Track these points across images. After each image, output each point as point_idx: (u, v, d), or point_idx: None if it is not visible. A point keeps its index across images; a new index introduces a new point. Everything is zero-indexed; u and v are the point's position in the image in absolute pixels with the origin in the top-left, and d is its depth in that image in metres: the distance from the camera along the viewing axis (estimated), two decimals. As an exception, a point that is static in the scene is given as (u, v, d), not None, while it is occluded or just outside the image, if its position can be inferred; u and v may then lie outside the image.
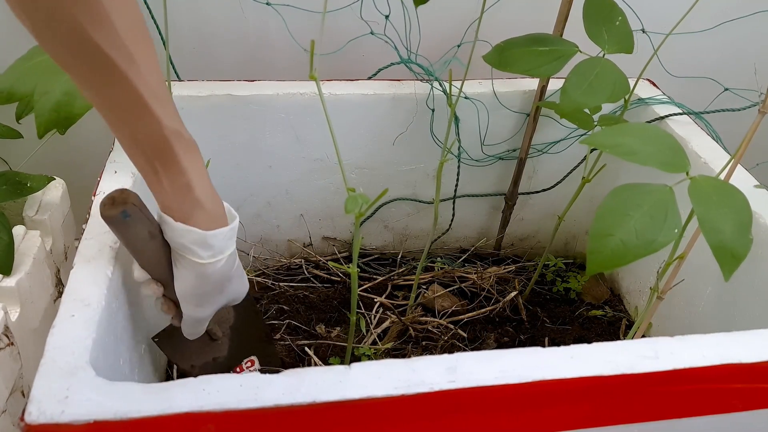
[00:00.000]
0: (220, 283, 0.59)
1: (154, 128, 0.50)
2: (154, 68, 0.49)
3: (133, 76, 0.47)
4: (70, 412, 0.48)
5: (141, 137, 0.51)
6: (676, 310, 0.92)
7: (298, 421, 0.52)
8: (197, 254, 0.55)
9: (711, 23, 1.06)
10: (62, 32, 0.44)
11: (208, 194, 0.55)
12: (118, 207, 0.54)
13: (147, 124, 0.50)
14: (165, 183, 0.53)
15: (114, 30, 0.45)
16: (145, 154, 0.52)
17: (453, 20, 1.00)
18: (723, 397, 0.61)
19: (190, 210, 0.54)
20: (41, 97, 0.66)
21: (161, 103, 0.49)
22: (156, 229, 0.57)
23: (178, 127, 0.51)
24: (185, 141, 0.52)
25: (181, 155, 0.52)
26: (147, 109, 0.49)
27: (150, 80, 0.48)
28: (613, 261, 0.59)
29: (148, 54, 0.48)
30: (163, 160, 0.52)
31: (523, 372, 0.54)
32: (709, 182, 0.61)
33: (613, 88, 0.80)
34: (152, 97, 0.48)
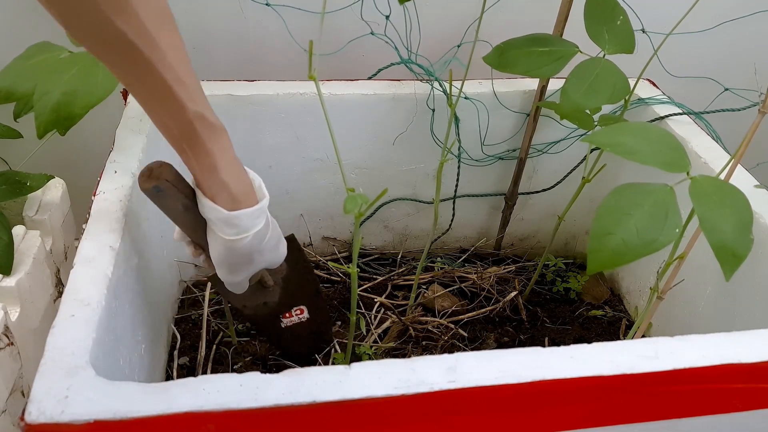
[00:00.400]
0: (249, 256, 0.62)
1: (179, 112, 0.52)
2: (180, 54, 0.51)
3: (157, 62, 0.49)
4: (70, 411, 0.48)
5: (167, 120, 0.53)
6: (677, 310, 0.92)
7: (299, 421, 0.52)
8: (223, 230, 0.59)
9: (711, 23, 1.06)
10: (87, 21, 0.46)
11: (234, 176, 0.57)
12: (152, 181, 0.58)
13: (172, 108, 0.52)
14: (193, 163, 0.56)
15: (137, 17, 0.47)
16: (174, 135, 0.55)
17: (453, 20, 1.00)
18: (723, 397, 0.61)
19: (217, 190, 0.57)
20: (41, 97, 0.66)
21: (186, 88, 0.51)
22: (191, 201, 0.60)
23: (203, 110, 0.53)
24: (210, 125, 0.54)
25: (206, 138, 0.54)
26: (171, 94, 0.51)
27: (175, 65, 0.50)
28: (613, 260, 0.59)
29: (172, 40, 0.50)
30: (190, 143, 0.54)
31: (523, 372, 0.54)
32: (710, 182, 0.61)
33: (614, 89, 0.80)
34: (176, 82, 0.51)
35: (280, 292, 0.79)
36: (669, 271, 0.70)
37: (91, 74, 0.67)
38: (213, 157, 0.56)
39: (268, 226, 0.63)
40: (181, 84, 0.51)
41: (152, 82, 0.50)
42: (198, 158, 0.56)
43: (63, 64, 0.68)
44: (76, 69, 0.67)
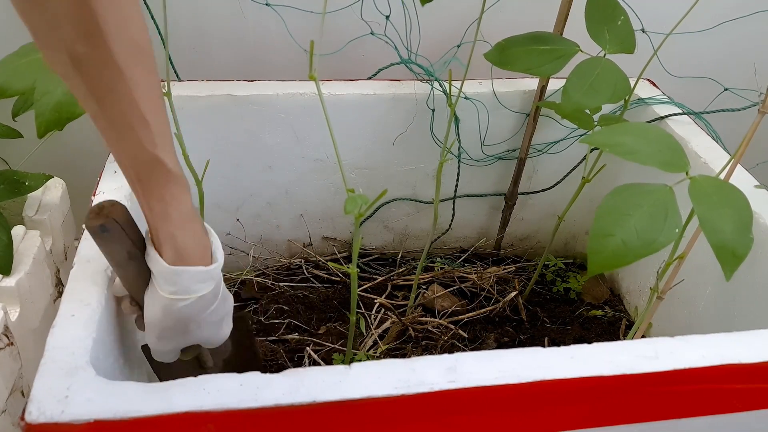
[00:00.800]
0: (184, 324, 0.56)
1: (136, 152, 0.49)
2: (149, 93, 0.48)
3: (121, 96, 0.46)
4: (70, 411, 0.48)
5: (123, 157, 0.50)
6: (676, 310, 0.92)
7: (299, 421, 0.51)
8: (161, 286, 0.54)
9: (711, 23, 1.06)
10: (55, 37, 0.44)
11: (184, 230, 0.53)
12: (100, 219, 0.53)
13: (129, 146, 0.49)
14: (144, 205, 0.52)
15: (106, 46, 0.44)
16: (128, 173, 0.51)
17: (453, 20, 1.00)
18: (723, 398, 0.61)
19: (163, 239, 0.52)
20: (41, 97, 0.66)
21: (148, 128, 0.48)
22: (138, 250, 0.55)
23: (163, 156, 0.50)
24: (167, 171, 0.51)
25: (160, 185, 0.51)
26: (131, 131, 0.48)
27: (141, 103, 0.47)
28: (614, 261, 0.58)
29: (144, 77, 0.47)
30: (143, 185, 0.51)
31: (523, 372, 0.54)
32: (710, 182, 0.61)
33: (614, 88, 0.80)
34: (139, 121, 0.48)
35: (222, 365, 0.68)
36: (669, 271, 0.70)
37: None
38: (165, 205, 0.52)
39: (217, 297, 0.56)
40: (143, 123, 0.48)
41: (113, 115, 0.47)
42: (149, 202, 0.52)
43: (63, 64, 0.67)
44: (76, 69, 0.67)
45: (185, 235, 0.53)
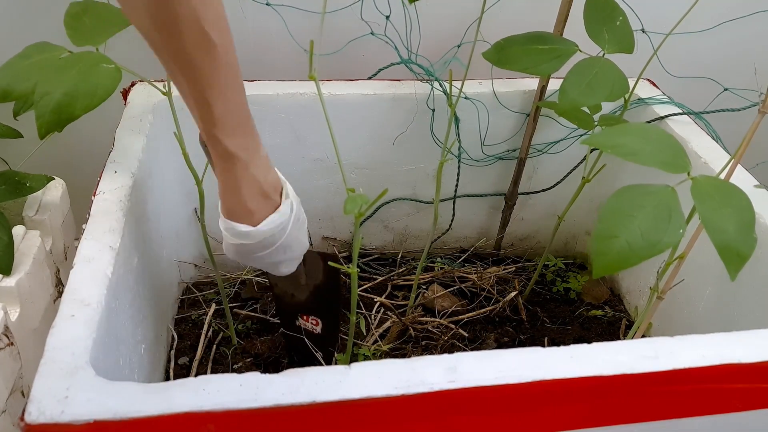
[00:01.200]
0: (240, 255, 0.65)
1: (199, 125, 0.58)
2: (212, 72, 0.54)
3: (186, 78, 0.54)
4: (70, 411, 0.48)
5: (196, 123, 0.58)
6: (676, 310, 0.92)
7: (299, 421, 0.51)
8: (221, 226, 0.64)
9: (711, 23, 1.06)
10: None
11: (230, 193, 0.61)
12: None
13: (195, 118, 0.57)
14: (210, 162, 0.61)
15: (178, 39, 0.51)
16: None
17: (453, 20, 1.00)
18: (723, 397, 0.61)
19: (221, 193, 0.62)
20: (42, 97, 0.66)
21: (207, 108, 0.55)
22: None
23: (221, 136, 0.57)
24: (222, 149, 0.58)
25: (218, 155, 0.59)
26: (192, 110, 0.56)
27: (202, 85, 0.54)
28: (619, 263, 0.58)
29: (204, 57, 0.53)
30: (206, 151, 0.61)
31: (523, 372, 0.54)
32: (711, 182, 0.61)
33: (612, 87, 0.80)
34: (198, 103, 0.55)
35: (307, 294, 0.81)
36: (669, 271, 0.70)
37: (92, 74, 0.67)
38: (217, 170, 0.61)
39: (266, 248, 0.64)
40: (203, 106, 0.55)
41: (183, 94, 0.56)
42: (210, 162, 0.61)
43: (63, 64, 0.67)
44: (76, 69, 0.66)
45: (228, 197, 0.61)
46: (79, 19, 0.71)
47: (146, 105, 0.86)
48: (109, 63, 0.68)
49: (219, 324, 0.97)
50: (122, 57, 0.70)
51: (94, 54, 0.69)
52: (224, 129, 0.56)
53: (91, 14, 0.71)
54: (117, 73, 0.68)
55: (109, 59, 0.68)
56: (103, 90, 0.67)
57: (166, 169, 0.90)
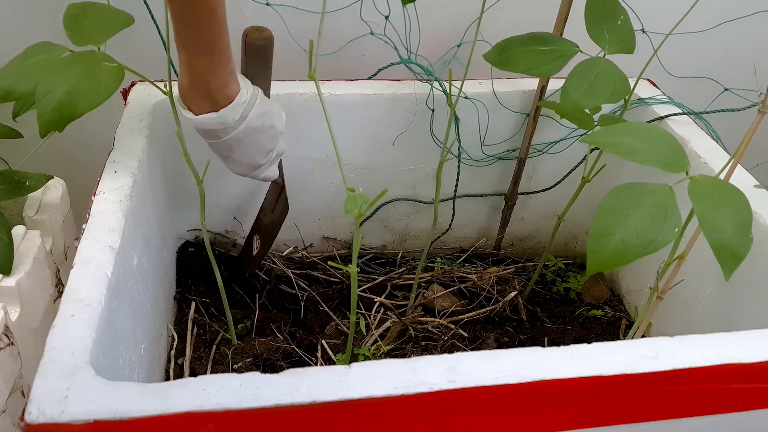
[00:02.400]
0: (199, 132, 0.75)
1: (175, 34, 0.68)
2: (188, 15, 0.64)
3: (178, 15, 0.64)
4: (70, 411, 0.48)
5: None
6: (676, 310, 0.92)
7: (298, 421, 0.51)
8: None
9: (711, 23, 1.06)
10: None
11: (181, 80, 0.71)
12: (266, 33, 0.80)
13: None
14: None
15: None
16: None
17: (453, 20, 1.00)
18: (723, 397, 0.61)
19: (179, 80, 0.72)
20: (43, 96, 0.66)
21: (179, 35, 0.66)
22: None
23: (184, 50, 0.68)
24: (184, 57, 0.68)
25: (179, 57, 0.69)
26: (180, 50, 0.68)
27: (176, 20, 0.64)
28: (613, 260, 0.58)
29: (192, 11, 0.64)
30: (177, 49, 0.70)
31: (523, 372, 0.54)
32: (710, 182, 0.61)
33: (614, 88, 0.80)
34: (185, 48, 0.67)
35: (268, 221, 0.96)
36: (669, 271, 0.70)
37: (94, 73, 0.67)
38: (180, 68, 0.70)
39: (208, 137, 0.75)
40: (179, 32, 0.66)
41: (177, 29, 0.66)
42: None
43: (65, 63, 0.67)
44: (79, 68, 0.66)
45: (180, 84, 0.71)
46: (78, 21, 0.70)
47: (146, 105, 0.86)
48: (111, 62, 0.68)
49: (219, 324, 0.97)
50: (122, 57, 0.70)
51: (96, 53, 0.68)
52: (189, 47, 0.67)
53: (90, 15, 0.71)
54: (120, 71, 0.67)
55: (112, 58, 0.68)
56: (106, 88, 0.66)
57: (166, 169, 0.90)
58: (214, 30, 0.66)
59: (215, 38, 0.67)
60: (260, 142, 0.77)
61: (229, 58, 0.70)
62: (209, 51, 0.68)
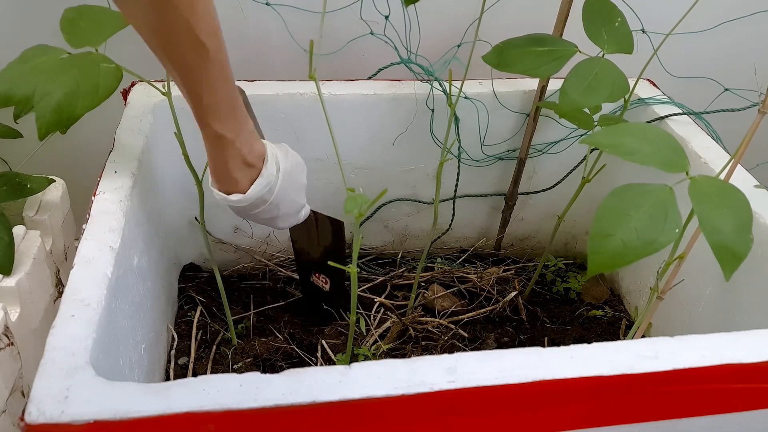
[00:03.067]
0: (240, 214, 0.72)
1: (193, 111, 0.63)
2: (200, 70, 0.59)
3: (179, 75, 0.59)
4: (70, 412, 0.48)
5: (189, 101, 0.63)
6: (677, 310, 0.92)
7: (298, 421, 0.51)
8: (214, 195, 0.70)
9: (711, 23, 1.06)
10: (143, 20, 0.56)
11: (216, 166, 0.67)
12: None
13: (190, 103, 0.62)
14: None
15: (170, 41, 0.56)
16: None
17: (453, 20, 1.00)
18: (723, 398, 0.61)
19: (210, 167, 0.69)
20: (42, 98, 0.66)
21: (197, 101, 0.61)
22: None
23: (211, 122, 0.63)
24: (210, 132, 0.64)
25: (204, 136, 0.65)
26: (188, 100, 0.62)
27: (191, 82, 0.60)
28: (614, 261, 0.58)
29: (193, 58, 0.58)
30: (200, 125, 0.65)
31: (523, 372, 0.54)
32: (710, 182, 0.61)
33: (612, 88, 0.80)
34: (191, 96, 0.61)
35: (319, 254, 0.91)
36: (669, 271, 0.70)
37: (94, 74, 0.67)
38: (207, 147, 0.66)
39: (256, 208, 0.70)
40: (195, 99, 0.61)
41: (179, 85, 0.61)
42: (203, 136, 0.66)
43: (63, 65, 0.67)
44: (77, 69, 0.66)
45: (215, 169, 0.68)
46: (75, 24, 0.71)
47: (146, 105, 0.86)
48: (109, 63, 0.68)
49: (219, 324, 0.97)
50: (121, 57, 0.70)
51: (94, 54, 0.69)
52: (213, 115, 0.62)
53: (87, 18, 0.71)
54: (118, 72, 0.68)
55: (110, 59, 0.68)
56: (105, 89, 0.67)
57: (165, 169, 0.90)
58: (228, 86, 0.63)
59: (231, 95, 0.63)
60: (296, 182, 0.75)
61: (246, 113, 0.67)
62: (230, 111, 0.64)
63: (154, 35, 0.56)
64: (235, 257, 1.08)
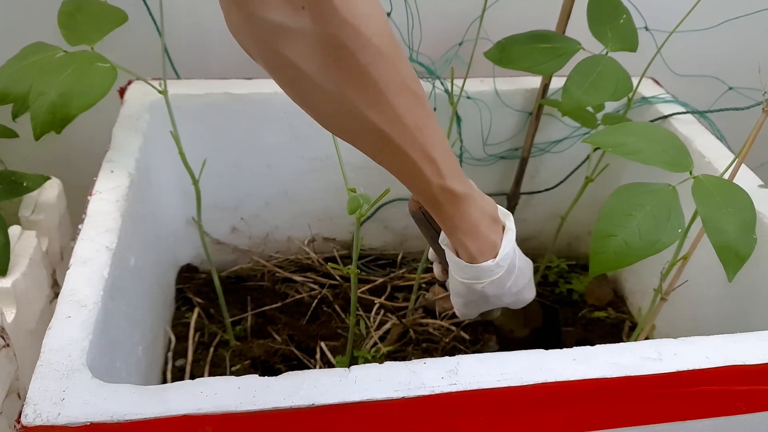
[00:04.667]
0: (484, 299, 0.63)
1: (425, 187, 0.54)
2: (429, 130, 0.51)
3: (407, 145, 0.50)
4: (67, 414, 0.48)
5: (416, 191, 0.56)
6: (680, 311, 0.91)
7: (298, 424, 0.51)
8: (458, 274, 0.62)
9: (715, 21, 1.05)
10: (343, 113, 0.47)
11: (473, 237, 0.59)
12: (415, 205, 0.66)
13: (419, 184, 0.54)
14: (439, 221, 0.59)
15: (389, 106, 0.47)
16: (423, 200, 0.57)
17: (455, 18, 1.00)
18: (727, 400, 0.60)
19: (456, 245, 0.60)
20: (36, 98, 0.66)
21: (433, 164, 0.52)
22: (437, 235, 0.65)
23: (450, 183, 0.54)
24: (453, 196, 0.55)
25: (448, 207, 0.56)
26: (418, 172, 0.52)
27: (425, 144, 0.51)
28: (616, 262, 0.58)
29: (422, 117, 0.50)
30: (433, 208, 0.57)
31: (525, 374, 0.54)
32: (713, 182, 0.61)
33: (616, 86, 0.80)
34: (425, 161, 0.51)
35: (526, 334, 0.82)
36: (673, 272, 0.70)
37: (87, 74, 0.66)
38: (454, 221, 0.57)
39: (511, 274, 0.62)
40: (429, 161, 0.52)
41: (401, 162, 0.52)
42: (441, 219, 0.58)
43: (58, 64, 0.67)
44: (71, 69, 0.66)
45: (475, 241, 0.59)
46: (72, 18, 0.70)
47: (143, 104, 0.86)
48: (104, 62, 0.67)
49: (217, 326, 0.96)
50: (119, 55, 0.69)
51: (88, 53, 0.68)
52: (451, 175, 0.54)
53: (84, 12, 0.71)
54: (112, 72, 0.67)
55: (104, 58, 0.68)
56: (98, 89, 0.66)
57: (162, 168, 0.89)
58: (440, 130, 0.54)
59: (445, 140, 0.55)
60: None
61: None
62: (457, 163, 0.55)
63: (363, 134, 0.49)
64: (233, 258, 1.07)
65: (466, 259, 0.60)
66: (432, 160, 0.52)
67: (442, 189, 0.54)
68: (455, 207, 0.56)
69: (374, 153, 0.52)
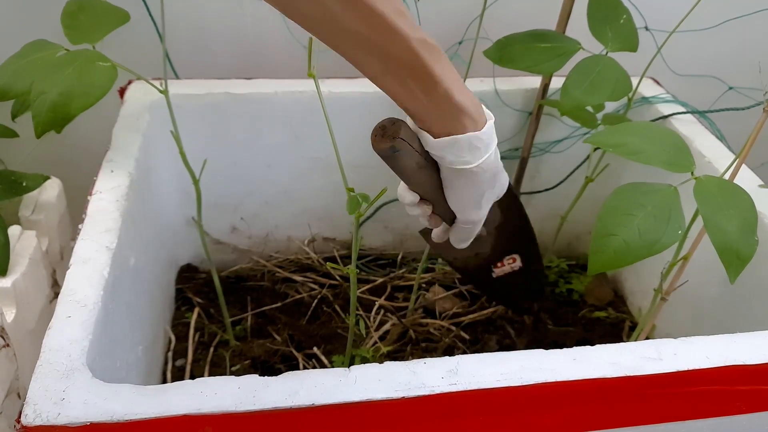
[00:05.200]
0: (492, 179, 0.60)
1: (403, 44, 0.49)
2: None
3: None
4: (67, 414, 0.48)
5: (392, 59, 0.50)
6: (680, 311, 0.91)
7: (298, 424, 0.51)
8: (467, 161, 0.56)
9: (715, 21, 1.05)
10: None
11: (467, 96, 0.54)
12: (387, 141, 0.55)
13: (395, 42, 0.49)
14: (423, 100, 0.53)
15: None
16: (399, 76, 0.51)
17: (454, 17, 1.00)
18: (727, 400, 0.60)
19: (455, 117, 0.54)
20: (38, 97, 0.66)
21: (403, 16, 0.49)
22: (423, 158, 0.57)
23: (422, 35, 0.50)
24: (431, 47, 0.51)
25: (432, 64, 0.51)
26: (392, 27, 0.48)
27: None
28: (615, 261, 0.58)
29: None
30: (417, 75, 0.51)
31: (525, 374, 0.54)
32: (714, 182, 0.60)
33: (615, 86, 0.80)
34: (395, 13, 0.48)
35: (492, 241, 0.78)
36: (673, 271, 0.70)
37: (88, 73, 0.66)
38: (444, 83, 0.52)
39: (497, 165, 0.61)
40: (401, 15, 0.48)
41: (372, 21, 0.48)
42: (428, 91, 0.52)
43: (59, 63, 0.67)
44: (72, 68, 0.66)
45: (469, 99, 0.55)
46: (75, 17, 0.70)
47: (143, 103, 0.86)
48: (105, 61, 0.67)
49: (217, 326, 0.96)
50: (119, 55, 0.69)
51: (89, 52, 0.68)
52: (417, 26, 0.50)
53: (87, 11, 0.71)
54: (112, 71, 0.67)
55: (105, 57, 0.68)
56: (99, 89, 0.66)
57: (163, 168, 0.89)
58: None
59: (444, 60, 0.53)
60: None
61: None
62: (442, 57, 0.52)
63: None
64: (233, 258, 1.07)
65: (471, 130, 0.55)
66: (403, 13, 0.49)
67: (421, 42, 0.50)
68: (439, 61, 0.51)
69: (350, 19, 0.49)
